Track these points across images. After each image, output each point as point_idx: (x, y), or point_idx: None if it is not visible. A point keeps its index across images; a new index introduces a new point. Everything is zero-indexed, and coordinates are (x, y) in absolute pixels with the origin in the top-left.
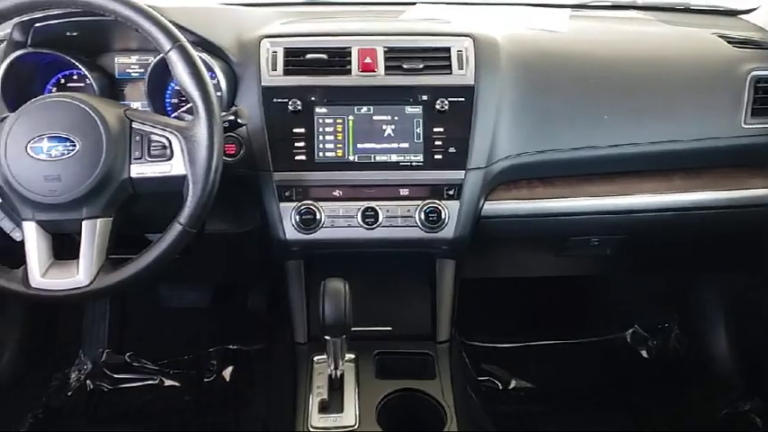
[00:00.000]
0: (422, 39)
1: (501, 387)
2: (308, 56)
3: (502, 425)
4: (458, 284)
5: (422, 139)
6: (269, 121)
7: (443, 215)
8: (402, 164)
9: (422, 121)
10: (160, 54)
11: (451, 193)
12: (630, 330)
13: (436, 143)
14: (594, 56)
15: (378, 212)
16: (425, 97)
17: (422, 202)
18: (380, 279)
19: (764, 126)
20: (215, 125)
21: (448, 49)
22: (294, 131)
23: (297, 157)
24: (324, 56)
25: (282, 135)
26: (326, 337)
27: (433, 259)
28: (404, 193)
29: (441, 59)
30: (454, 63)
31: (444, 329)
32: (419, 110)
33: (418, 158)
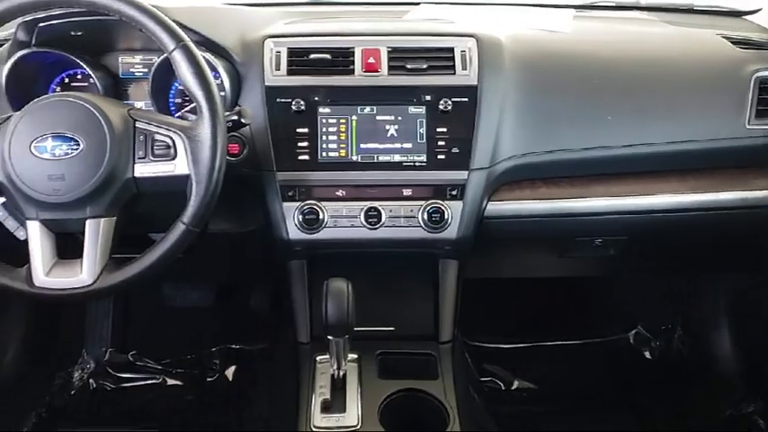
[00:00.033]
0: (425, 39)
1: (504, 388)
2: (312, 56)
3: (504, 425)
4: (461, 285)
5: (425, 140)
6: (272, 121)
7: (446, 215)
8: (405, 164)
9: (425, 122)
10: (164, 54)
11: (454, 193)
12: (634, 331)
13: (439, 143)
14: (598, 56)
15: (381, 212)
16: (429, 97)
17: (425, 202)
18: (383, 279)
19: None
20: (218, 125)
21: (451, 50)
22: (297, 131)
23: (300, 157)
24: (327, 56)
25: (286, 135)
26: (329, 337)
27: (436, 259)
28: (407, 193)
29: (444, 60)
30: (458, 63)
31: (447, 330)
32: (422, 110)
33: (421, 159)
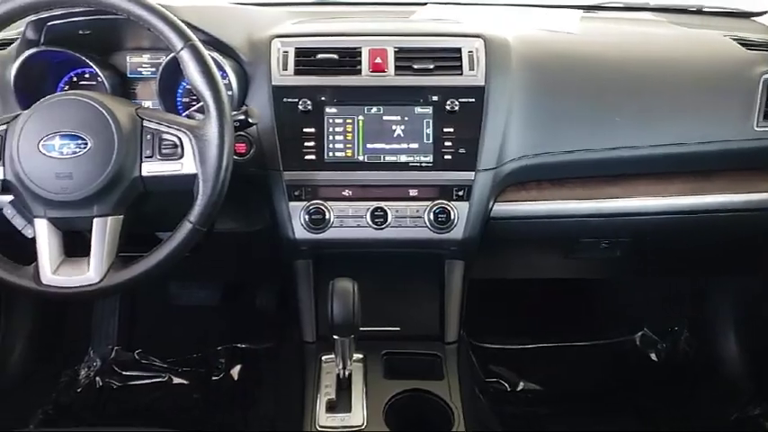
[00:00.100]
0: (432, 39)
1: (509, 388)
2: (319, 56)
3: (509, 426)
4: (466, 285)
5: (431, 140)
6: (279, 121)
7: (452, 216)
8: (411, 164)
9: (432, 122)
10: (172, 53)
11: (461, 194)
12: (640, 333)
13: (446, 144)
14: (606, 57)
15: (387, 213)
16: (436, 98)
17: (431, 202)
18: (389, 279)
19: None
20: (226, 124)
21: (459, 50)
22: (304, 131)
23: (306, 157)
24: (334, 56)
25: (292, 134)
26: (335, 337)
27: (442, 260)
28: (413, 193)
29: (451, 60)
30: (465, 64)
31: (453, 330)
32: (429, 110)
33: (428, 159)
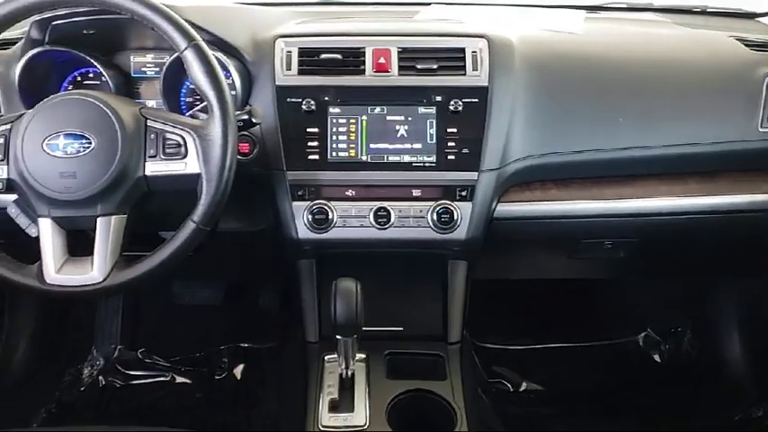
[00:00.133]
0: (436, 39)
1: (512, 389)
2: (323, 56)
3: (512, 426)
4: (469, 285)
5: (435, 140)
6: (283, 121)
7: (456, 216)
8: (415, 164)
9: (435, 122)
10: (175, 53)
11: (464, 194)
12: (643, 334)
13: (449, 144)
14: (609, 58)
15: (390, 213)
16: (439, 98)
17: (434, 202)
18: (392, 279)
19: None
20: (229, 124)
21: (462, 50)
22: (308, 131)
23: (310, 157)
24: (338, 56)
25: (296, 134)
26: (338, 337)
27: (445, 260)
28: (416, 193)
29: (455, 60)
30: (468, 64)
31: (456, 330)
32: (433, 110)
33: (431, 159)
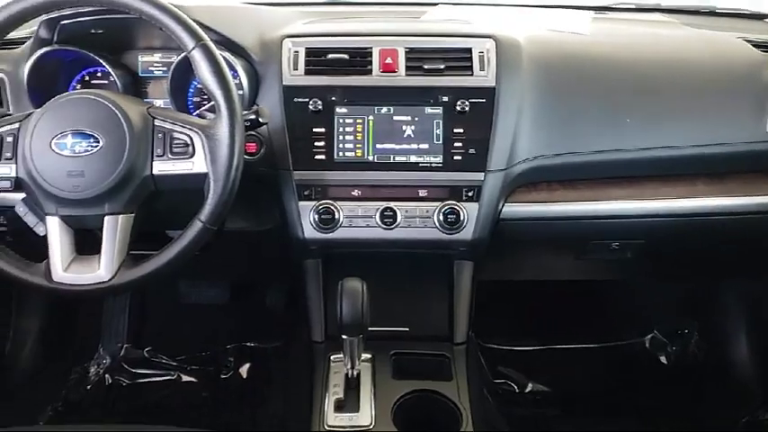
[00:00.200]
0: (443, 40)
1: (517, 390)
2: (330, 56)
3: (517, 427)
4: (475, 286)
5: (441, 141)
6: (290, 121)
7: (462, 217)
8: (421, 165)
9: (442, 123)
10: (183, 52)
11: (470, 194)
12: (650, 336)
13: (456, 144)
14: (617, 58)
15: (396, 213)
16: (446, 98)
17: (440, 203)
18: (398, 279)
19: None
20: (236, 124)
21: (469, 50)
22: (314, 131)
23: (316, 157)
24: (345, 56)
25: (303, 134)
26: (343, 337)
27: (451, 261)
28: (423, 194)
29: (462, 60)
30: (475, 64)
31: (461, 331)
32: (439, 111)
33: (437, 159)
